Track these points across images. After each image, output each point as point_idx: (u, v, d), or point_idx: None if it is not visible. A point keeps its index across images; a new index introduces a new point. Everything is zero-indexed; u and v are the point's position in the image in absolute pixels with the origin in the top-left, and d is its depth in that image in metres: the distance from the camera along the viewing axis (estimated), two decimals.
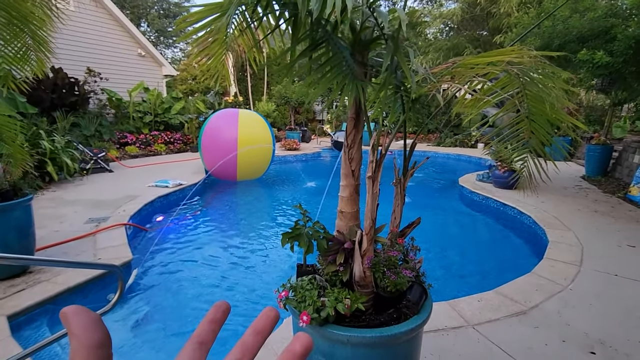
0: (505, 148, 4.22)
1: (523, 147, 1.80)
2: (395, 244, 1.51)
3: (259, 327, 0.29)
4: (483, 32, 16.76)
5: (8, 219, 2.89)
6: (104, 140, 9.40)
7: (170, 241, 4.43)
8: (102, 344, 0.24)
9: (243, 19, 1.49)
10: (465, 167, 10.22)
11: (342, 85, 1.22)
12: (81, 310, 0.25)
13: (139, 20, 26.78)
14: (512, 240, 4.95)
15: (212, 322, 0.30)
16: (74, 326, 0.24)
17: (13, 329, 2.32)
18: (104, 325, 0.25)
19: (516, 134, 1.82)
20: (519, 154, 1.86)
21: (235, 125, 6.91)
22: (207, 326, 0.29)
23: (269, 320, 0.29)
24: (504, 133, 1.89)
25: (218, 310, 0.30)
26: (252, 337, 0.28)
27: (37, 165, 5.72)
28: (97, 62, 10.68)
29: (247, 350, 0.27)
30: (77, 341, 0.24)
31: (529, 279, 3.17)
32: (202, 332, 0.29)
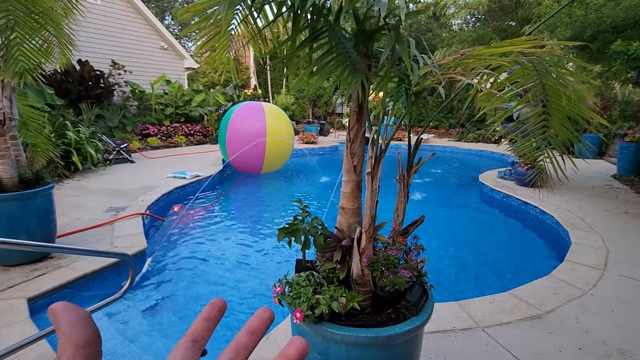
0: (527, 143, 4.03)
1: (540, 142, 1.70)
2: (396, 243, 1.46)
3: (253, 327, 0.28)
4: (511, 22, 16.06)
5: (30, 207, 3.02)
6: (127, 132, 9.68)
7: (184, 231, 4.53)
8: (90, 341, 0.23)
9: (246, 6, 1.47)
10: (487, 164, 9.90)
11: (342, 78, 1.17)
12: (70, 307, 0.24)
13: (163, 14, 27.29)
14: (532, 240, 4.76)
15: (207, 319, 0.29)
16: (62, 323, 0.23)
17: (32, 312, 2.43)
18: (93, 323, 0.25)
19: (536, 129, 1.72)
20: (534, 151, 1.76)
21: (263, 118, 6.96)
22: (201, 324, 0.29)
23: (263, 320, 0.29)
24: (522, 128, 1.79)
25: (214, 307, 0.30)
26: (246, 336, 0.28)
27: (63, 155, 5.97)
28: (121, 55, 10.98)
29: (241, 350, 0.27)
30: (65, 338, 0.23)
31: (546, 281, 3.03)
32: (197, 330, 0.29)
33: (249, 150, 6.78)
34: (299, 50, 1.27)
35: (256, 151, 6.85)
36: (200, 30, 1.44)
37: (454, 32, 16.87)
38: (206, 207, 5.73)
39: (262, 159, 7.02)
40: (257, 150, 6.86)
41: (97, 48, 10.19)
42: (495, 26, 15.64)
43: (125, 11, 11.17)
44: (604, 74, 6.97)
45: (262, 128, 6.85)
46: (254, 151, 6.83)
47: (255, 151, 6.85)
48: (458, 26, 17.94)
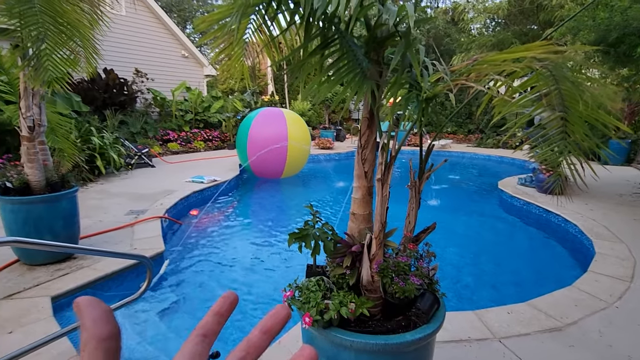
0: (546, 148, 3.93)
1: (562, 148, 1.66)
2: (407, 250, 1.45)
3: (267, 326, 0.28)
4: (533, 26, 15.71)
5: (55, 209, 3.15)
6: (149, 137, 9.98)
7: (201, 235, 4.61)
8: (112, 336, 0.25)
9: (260, 16, 1.51)
10: (507, 170, 9.66)
11: (352, 85, 1.19)
12: (93, 301, 0.26)
13: (185, 23, 28.13)
14: (554, 250, 4.60)
15: (218, 314, 0.29)
16: (85, 317, 0.25)
17: (55, 310, 2.53)
18: (114, 318, 0.26)
19: (556, 134, 1.68)
20: (556, 156, 1.71)
21: (284, 123, 7.06)
22: (212, 318, 0.29)
23: (279, 319, 0.28)
24: (541, 133, 1.75)
25: (225, 301, 0.30)
26: (258, 335, 0.28)
27: (87, 159, 6.21)
28: (144, 63, 11.36)
29: (252, 348, 0.27)
30: (87, 332, 0.24)
31: (568, 292, 2.93)
32: (207, 324, 0.28)
33: (271, 155, 6.83)
34: (310, 58, 1.29)
35: (278, 155, 6.91)
36: (215, 40, 1.48)
37: (472, 36, 16.64)
38: (222, 211, 5.82)
39: (283, 164, 7.08)
40: (279, 155, 6.92)
41: (121, 57, 10.59)
42: (515, 30, 15.34)
43: (148, 21, 11.59)
44: (631, 77, 6.72)
45: (284, 132, 6.94)
46: (276, 156, 6.89)
47: (277, 155, 6.91)
48: (477, 30, 17.68)
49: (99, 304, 0.26)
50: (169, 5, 26.54)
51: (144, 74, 11.07)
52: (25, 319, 2.38)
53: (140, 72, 11.00)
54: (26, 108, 3.03)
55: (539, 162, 6.44)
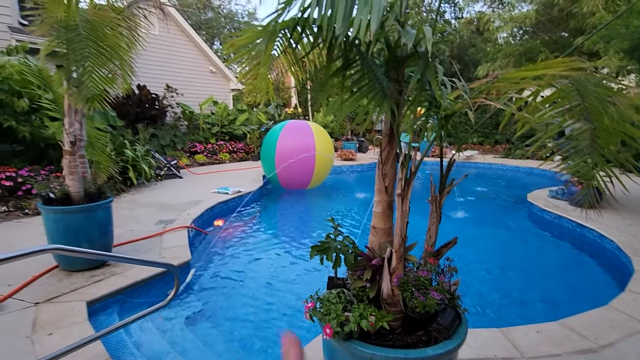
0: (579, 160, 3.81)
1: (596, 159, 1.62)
2: (427, 264, 1.45)
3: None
4: (563, 34, 15.25)
5: (93, 218, 3.36)
6: (177, 150, 10.40)
7: (225, 244, 4.73)
8: None
9: (285, 39, 1.59)
10: (537, 182, 9.30)
11: (372, 104, 1.23)
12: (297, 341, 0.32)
13: (212, 40, 29.30)
14: (588, 267, 4.38)
15: None
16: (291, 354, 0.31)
17: (90, 314, 2.67)
18: None
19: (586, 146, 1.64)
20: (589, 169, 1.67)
21: (311, 134, 7.28)
22: None
23: None
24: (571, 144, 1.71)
25: None
26: None
27: (121, 171, 6.55)
28: (174, 78, 11.93)
29: None
30: None
31: (604, 312, 2.78)
32: None
33: (299, 166, 6.99)
34: (332, 79, 1.35)
35: (306, 166, 7.07)
36: (241, 62, 1.58)
37: (499, 46, 16.33)
38: (246, 221, 5.95)
39: (311, 174, 7.24)
40: (307, 165, 7.08)
41: (153, 73, 11.18)
42: (544, 39, 14.94)
43: (179, 39, 12.20)
44: None
45: (312, 144, 7.14)
46: (304, 166, 7.05)
47: (305, 166, 7.07)
48: (504, 40, 17.34)
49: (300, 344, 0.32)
50: (198, 23, 27.79)
51: (174, 89, 11.61)
52: (62, 322, 2.53)
53: (170, 88, 11.54)
54: (69, 124, 3.28)
55: (570, 174, 6.18)
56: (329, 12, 1.09)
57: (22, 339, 2.32)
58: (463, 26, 19.11)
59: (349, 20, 1.07)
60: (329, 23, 1.08)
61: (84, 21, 2.51)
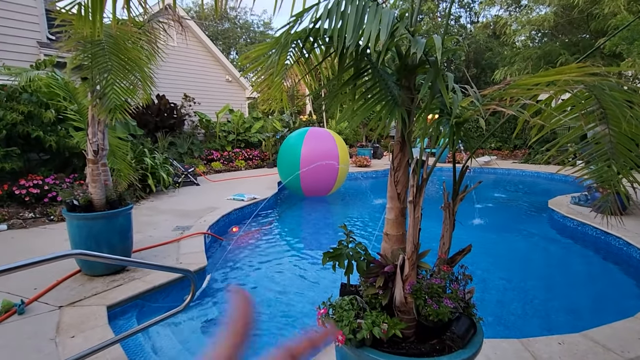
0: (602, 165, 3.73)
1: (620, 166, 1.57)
2: (441, 272, 1.44)
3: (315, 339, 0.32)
4: (584, 35, 14.87)
5: (114, 225, 3.47)
6: (194, 157, 10.63)
7: (241, 251, 4.79)
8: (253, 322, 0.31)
9: (298, 49, 1.63)
10: (559, 188, 9.02)
11: (383, 112, 1.24)
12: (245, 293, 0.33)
13: (229, 50, 29.98)
14: (614, 276, 4.21)
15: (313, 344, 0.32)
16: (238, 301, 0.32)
17: (110, 318, 2.75)
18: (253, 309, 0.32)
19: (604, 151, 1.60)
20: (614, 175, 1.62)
21: (333, 142, 7.45)
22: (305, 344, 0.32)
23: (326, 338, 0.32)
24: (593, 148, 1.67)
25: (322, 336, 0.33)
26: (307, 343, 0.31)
27: (140, 178, 6.74)
28: (192, 88, 12.24)
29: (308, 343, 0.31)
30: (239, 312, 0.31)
31: (630, 324, 2.66)
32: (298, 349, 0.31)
33: (324, 172, 7.14)
34: (344, 88, 1.37)
35: (330, 172, 7.23)
36: (256, 73, 1.62)
37: (517, 49, 16.05)
38: (261, 228, 6.01)
39: (334, 180, 7.41)
40: (331, 172, 7.24)
41: (172, 83, 11.51)
42: (564, 41, 14.60)
43: (197, 50, 12.54)
44: None
45: (335, 151, 7.33)
46: (328, 172, 7.20)
47: (329, 172, 7.22)
48: (522, 43, 17.04)
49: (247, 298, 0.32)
50: (215, 34, 28.52)
51: (191, 98, 11.90)
52: (84, 325, 2.61)
53: (188, 97, 11.84)
54: (92, 134, 3.42)
55: (594, 180, 5.97)
56: (339, 23, 1.11)
57: (46, 341, 2.41)
58: (479, 30, 18.91)
59: (359, 31, 1.10)
60: (340, 34, 1.10)
61: (107, 36, 2.63)
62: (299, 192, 7.60)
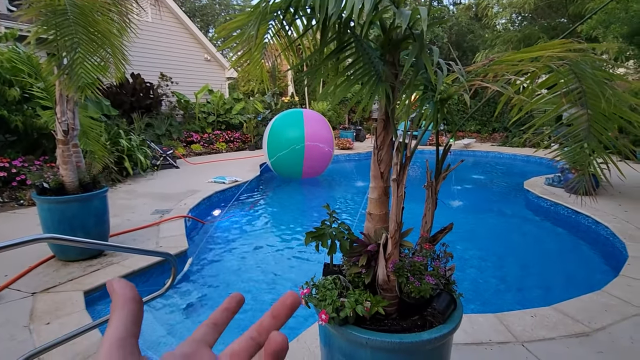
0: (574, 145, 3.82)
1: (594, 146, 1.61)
2: (423, 249, 1.45)
3: (276, 311, 0.31)
4: (562, 19, 15.08)
5: (88, 208, 3.33)
6: (173, 139, 10.32)
7: (223, 233, 4.74)
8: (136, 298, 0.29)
9: (278, 21, 1.55)
10: (534, 170, 9.33)
11: (367, 87, 1.21)
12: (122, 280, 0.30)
13: (207, 27, 28.80)
14: (583, 253, 4.42)
15: (226, 310, 0.33)
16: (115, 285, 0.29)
17: (87, 303, 2.68)
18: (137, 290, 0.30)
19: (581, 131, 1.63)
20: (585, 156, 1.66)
21: (328, 126, 7.66)
22: (221, 313, 0.33)
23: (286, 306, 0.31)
24: (564, 131, 1.70)
25: (232, 300, 0.34)
26: (268, 319, 0.31)
27: (116, 161, 6.49)
28: (169, 67, 11.75)
29: (263, 330, 0.30)
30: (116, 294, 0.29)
31: (597, 297, 2.82)
32: (216, 316, 0.33)
33: (322, 155, 7.28)
34: (326, 62, 1.32)
35: (327, 155, 7.40)
36: (235, 47, 1.54)
37: (497, 32, 16.15)
38: (243, 210, 5.95)
39: (328, 161, 7.63)
40: (328, 153, 7.40)
41: (147, 62, 10.99)
42: (543, 24, 14.77)
43: (173, 26, 11.97)
44: None
45: (331, 133, 7.61)
46: (325, 154, 7.34)
47: (326, 155, 7.39)
48: (502, 26, 17.14)
49: (126, 281, 0.30)
50: (192, 10, 27.28)
51: (168, 77, 11.44)
52: (60, 312, 2.53)
53: (165, 76, 11.38)
54: (61, 113, 3.23)
55: (566, 161, 6.18)
56: None
57: (20, 328, 2.33)
58: (461, 12, 18.86)
59: (342, 0, 1.04)
60: (322, 4, 1.05)
61: (72, 5, 2.44)
62: (296, 175, 7.47)
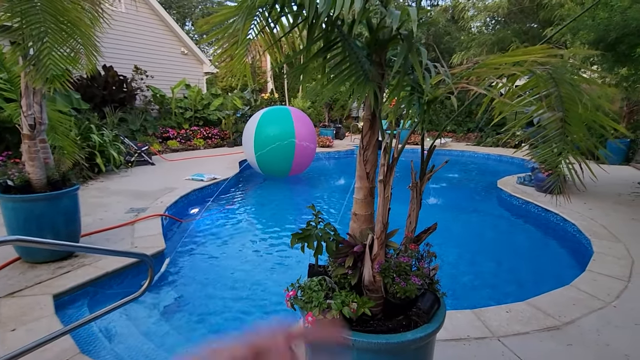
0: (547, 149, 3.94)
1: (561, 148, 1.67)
2: (408, 250, 1.47)
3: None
4: (533, 24, 15.70)
5: (57, 207, 3.16)
6: (148, 135, 9.98)
7: (201, 233, 4.63)
8: None
9: (263, 18, 1.51)
10: (507, 169, 9.68)
11: (354, 87, 1.20)
12: None
13: (184, 20, 28.00)
14: (552, 249, 4.63)
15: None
16: None
17: (57, 307, 2.55)
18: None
19: (556, 135, 1.69)
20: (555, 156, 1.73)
21: (311, 123, 7.73)
22: None
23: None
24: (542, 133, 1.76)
25: None
26: None
27: (87, 157, 6.21)
28: (143, 60, 11.33)
29: None
30: None
31: (566, 292, 2.95)
32: None
33: (310, 151, 7.38)
34: (313, 60, 1.30)
35: (309, 155, 7.45)
36: (218, 40, 1.49)
37: (473, 35, 16.61)
38: (223, 209, 5.84)
39: (312, 158, 7.68)
40: (312, 151, 7.48)
41: (121, 54, 10.56)
42: (515, 29, 15.32)
43: (148, 18, 11.55)
44: (630, 77, 6.73)
45: (314, 131, 7.70)
46: (312, 152, 7.44)
47: (311, 152, 7.47)
48: (477, 29, 17.65)
49: None
50: (168, 2, 26.40)
51: (143, 71, 11.04)
52: (27, 317, 2.39)
53: (139, 69, 10.97)
54: (27, 106, 3.04)
55: (538, 162, 6.45)
56: None
57: None
58: (438, 14, 19.25)
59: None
60: (311, 1, 1.02)
61: None
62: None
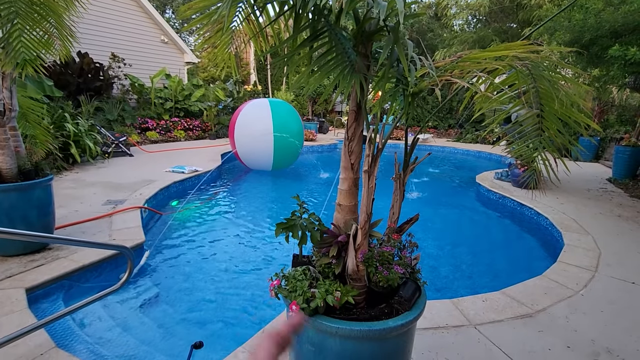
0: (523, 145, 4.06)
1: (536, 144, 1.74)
2: (391, 240, 1.50)
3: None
4: (512, 24, 16.10)
5: (29, 198, 3.03)
6: (126, 125, 9.67)
7: (182, 225, 4.55)
8: None
9: (249, 5, 1.49)
10: (485, 165, 9.96)
11: (340, 77, 1.20)
12: None
13: (164, 7, 27.14)
14: (527, 242, 4.82)
15: None
16: None
17: (30, 302, 2.46)
18: None
19: (532, 131, 1.76)
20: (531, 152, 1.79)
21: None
22: None
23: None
24: (518, 129, 1.82)
25: None
26: None
27: (61, 147, 5.97)
28: (121, 48, 10.94)
29: None
30: None
31: (538, 282, 3.09)
32: None
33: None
34: (299, 50, 1.30)
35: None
36: (201, 27, 1.46)
37: (455, 32, 16.89)
38: (204, 201, 5.75)
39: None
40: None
41: (97, 40, 10.15)
42: (496, 28, 15.67)
43: (126, 4, 11.12)
44: (601, 78, 7.02)
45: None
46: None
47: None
48: (459, 27, 17.95)
49: None
50: None
51: (121, 59, 10.66)
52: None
53: (117, 57, 10.58)
54: None
55: (515, 157, 6.67)
56: None
57: None
58: (422, 10, 19.42)
59: None
60: None
61: None
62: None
